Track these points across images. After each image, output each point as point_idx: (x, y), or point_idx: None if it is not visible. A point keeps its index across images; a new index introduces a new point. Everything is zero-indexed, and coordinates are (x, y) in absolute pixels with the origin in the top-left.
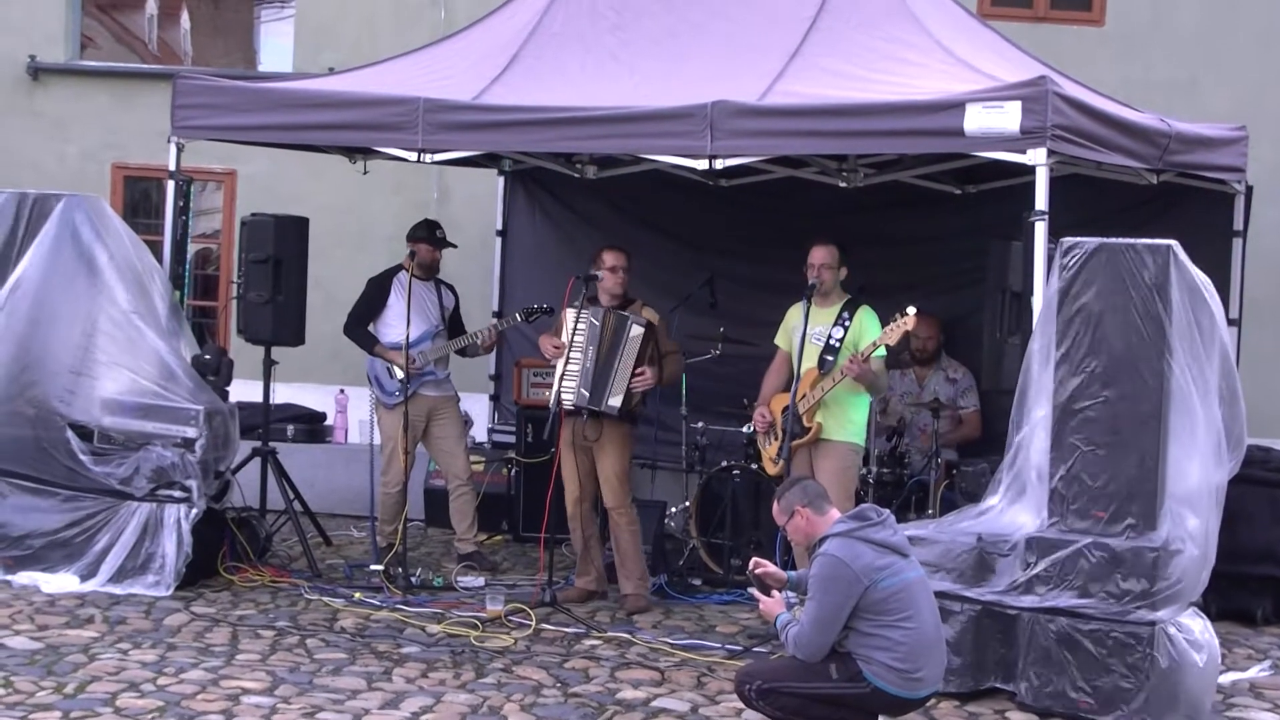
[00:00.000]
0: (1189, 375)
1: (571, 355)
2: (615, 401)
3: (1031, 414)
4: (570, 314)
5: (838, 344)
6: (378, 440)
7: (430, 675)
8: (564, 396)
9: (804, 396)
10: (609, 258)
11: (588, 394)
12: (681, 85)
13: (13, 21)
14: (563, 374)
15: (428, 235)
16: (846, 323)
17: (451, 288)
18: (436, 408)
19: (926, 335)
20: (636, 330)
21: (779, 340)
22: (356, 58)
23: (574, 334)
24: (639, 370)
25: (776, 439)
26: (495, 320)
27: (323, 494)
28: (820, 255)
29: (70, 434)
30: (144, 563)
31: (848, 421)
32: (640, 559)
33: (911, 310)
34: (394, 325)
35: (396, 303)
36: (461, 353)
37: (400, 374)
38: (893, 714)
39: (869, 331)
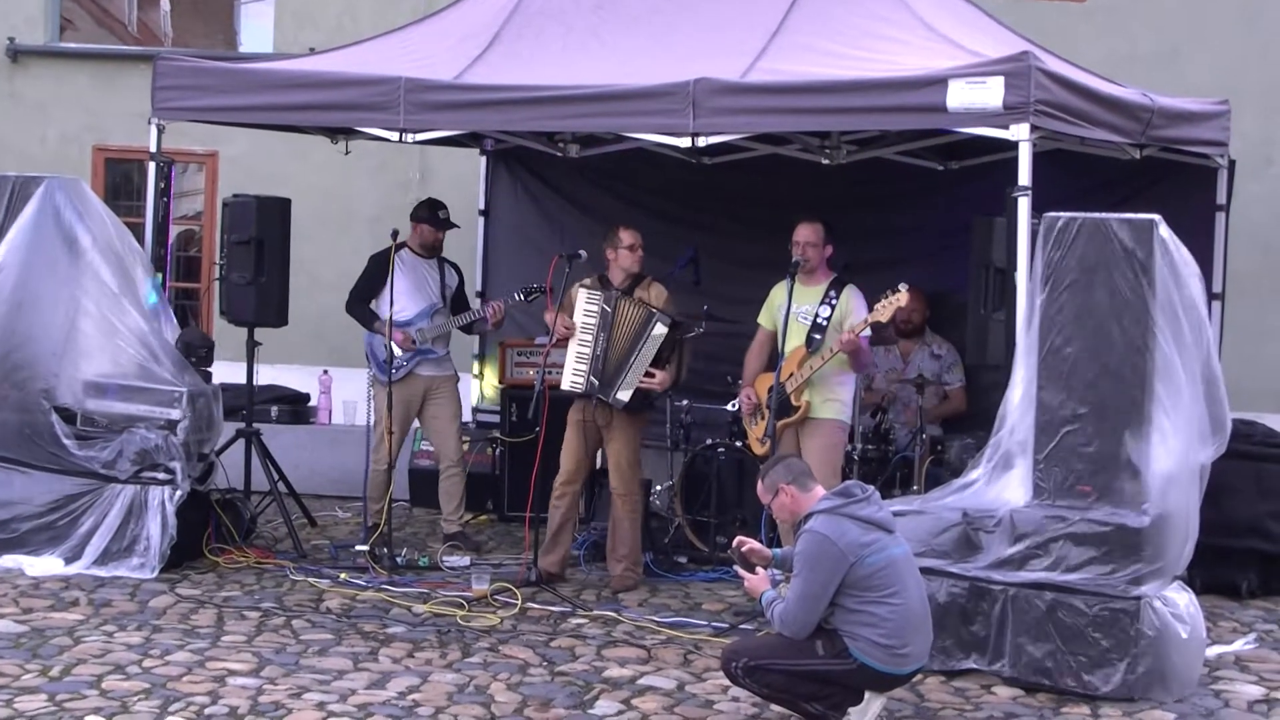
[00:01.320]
0: (1173, 350)
1: (582, 338)
2: (624, 395)
3: (1016, 389)
4: (583, 294)
5: (825, 322)
6: (374, 418)
7: (416, 655)
8: (573, 380)
9: (791, 375)
10: (627, 236)
11: (597, 382)
12: (663, 63)
13: None
14: (575, 355)
15: (428, 216)
16: (834, 301)
17: (455, 267)
18: (433, 387)
19: (911, 309)
20: (660, 329)
21: (762, 319)
22: (337, 38)
23: (585, 315)
24: (650, 371)
25: (762, 419)
26: (505, 298)
27: (307, 475)
28: (805, 233)
29: (55, 417)
30: (128, 545)
31: (834, 399)
32: (638, 544)
33: (904, 287)
34: (392, 303)
35: (396, 280)
36: (467, 329)
37: (398, 351)
38: (879, 689)
39: (856, 310)
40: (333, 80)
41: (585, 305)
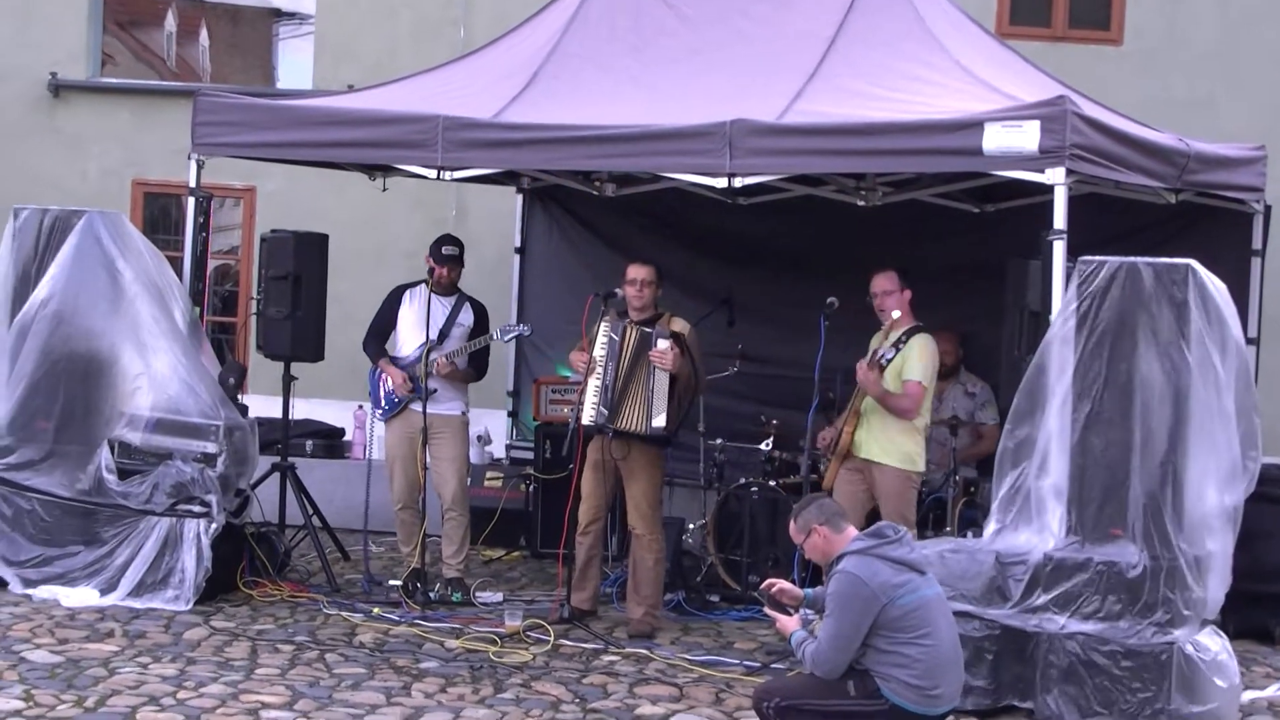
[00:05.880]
0: (1209, 393)
1: (597, 370)
2: (659, 422)
3: (1046, 431)
4: (603, 326)
5: (885, 363)
6: (384, 455)
7: (449, 690)
8: (589, 414)
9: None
10: (631, 270)
11: (607, 412)
12: (700, 104)
13: (34, 39)
14: (590, 389)
15: (433, 249)
16: (901, 345)
17: (477, 305)
18: (433, 425)
19: (944, 349)
20: (663, 344)
21: None
22: (376, 75)
23: (599, 348)
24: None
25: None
26: (461, 347)
27: (341, 509)
28: (880, 283)
29: (103, 449)
30: (164, 577)
31: (891, 446)
32: (659, 587)
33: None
34: (399, 338)
35: (402, 317)
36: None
37: (389, 388)
38: None
39: (912, 357)
40: (371, 118)
41: (600, 338)
